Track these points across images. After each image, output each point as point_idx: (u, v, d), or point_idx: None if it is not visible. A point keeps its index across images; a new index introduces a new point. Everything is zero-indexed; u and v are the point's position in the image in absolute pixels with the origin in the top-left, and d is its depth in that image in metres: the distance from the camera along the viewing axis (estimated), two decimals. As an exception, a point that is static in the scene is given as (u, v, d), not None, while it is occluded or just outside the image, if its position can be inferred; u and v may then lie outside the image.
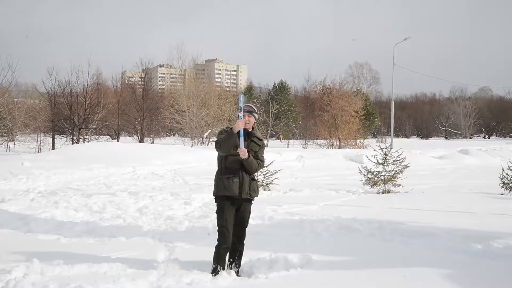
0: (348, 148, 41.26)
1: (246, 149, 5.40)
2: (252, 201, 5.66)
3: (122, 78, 69.32)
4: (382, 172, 13.30)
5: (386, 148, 13.65)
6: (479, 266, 5.90)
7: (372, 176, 13.25)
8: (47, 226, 8.44)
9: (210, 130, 42.65)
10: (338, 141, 44.55)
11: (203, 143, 42.32)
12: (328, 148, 42.03)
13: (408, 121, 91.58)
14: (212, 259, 5.49)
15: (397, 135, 77.29)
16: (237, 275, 5.50)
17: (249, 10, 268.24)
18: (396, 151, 13.82)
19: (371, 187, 13.24)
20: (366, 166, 13.61)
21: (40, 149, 34.95)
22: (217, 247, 5.46)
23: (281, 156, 24.86)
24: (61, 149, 29.18)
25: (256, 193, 5.59)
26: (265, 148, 5.85)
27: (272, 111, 50.73)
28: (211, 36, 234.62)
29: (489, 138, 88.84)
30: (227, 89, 78.76)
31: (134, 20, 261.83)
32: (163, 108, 49.23)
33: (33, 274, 5.26)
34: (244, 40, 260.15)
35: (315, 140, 46.96)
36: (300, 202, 11.26)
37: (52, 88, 38.22)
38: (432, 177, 18.29)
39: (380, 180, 13.19)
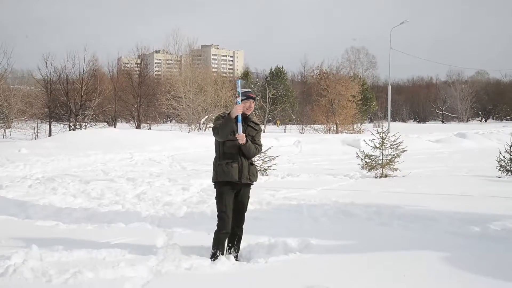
0: (345, 133, 41.27)
1: (244, 134, 5.38)
2: (251, 186, 5.67)
3: (118, 64, 69.10)
4: (379, 156, 13.32)
5: (383, 132, 13.65)
6: (477, 249, 5.93)
7: (370, 160, 13.27)
8: (46, 213, 8.45)
9: (207, 116, 42.59)
10: (335, 126, 44.55)
11: (200, 129, 42.29)
12: (325, 133, 42.04)
13: (405, 105, 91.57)
14: (211, 244, 5.50)
15: (394, 119, 77.27)
16: (236, 260, 5.51)
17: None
18: (393, 135, 13.83)
19: (369, 171, 13.27)
20: (363, 151, 13.62)
21: (37, 135, 34.91)
22: (216, 232, 5.46)
23: (278, 142, 24.91)
24: (58, 135, 29.12)
25: (255, 177, 5.60)
26: (262, 133, 5.85)
27: (269, 96, 50.67)
28: (207, 21, 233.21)
29: (485, 121, 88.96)
30: (224, 74, 78.49)
31: (130, 5, 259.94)
32: (159, 94, 49.08)
33: (32, 260, 5.26)
34: (241, 25, 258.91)
35: (312, 125, 46.95)
36: (297, 187, 11.28)
37: (48, 75, 38.12)
38: (429, 161, 18.34)
39: (378, 165, 13.21)
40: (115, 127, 44.85)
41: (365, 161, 13.32)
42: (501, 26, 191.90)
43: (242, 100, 5.42)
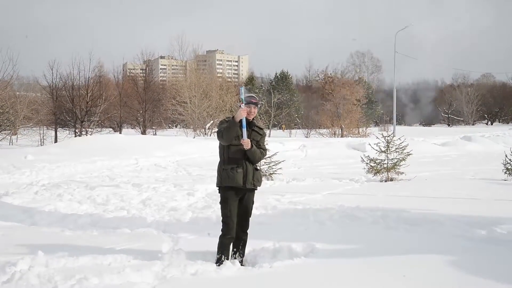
0: (351, 136, 41.22)
1: (249, 140, 5.39)
2: (255, 190, 5.67)
3: (123, 70, 69.25)
4: (384, 160, 13.28)
5: (388, 136, 13.61)
6: (483, 252, 5.91)
7: (375, 164, 13.22)
8: (51, 219, 8.47)
9: (212, 121, 42.62)
10: (340, 130, 44.49)
11: (205, 134, 42.33)
12: (330, 137, 41.98)
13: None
14: (216, 249, 5.50)
15: (399, 123, 77.12)
16: (241, 265, 5.51)
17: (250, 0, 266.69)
18: (399, 138, 13.77)
19: (374, 175, 13.22)
20: (368, 155, 13.55)
21: (43, 142, 35.01)
22: (221, 237, 5.47)
23: (283, 146, 24.85)
24: (64, 142, 29.22)
25: (259, 182, 5.60)
26: (268, 138, 5.86)
27: (274, 101, 50.70)
28: (212, 27, 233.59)
29: (491, 124, 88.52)
30: (229, 79, 78.57)
31: (135, 11, 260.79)
32: (165, 100, 49.20)
33: (38, 267, 5.28)
34: (246, 30, 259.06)
35: (317, 130, 46.92)
36: (303, 191, 11.27)
37: (54, 81, 38.23)
38: (435, 164, 18.28)
39: (383, 168, 13.17)
40: (120, 132, 44.93)
41: (370, 165, 13.28)
42: (507, 28, 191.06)
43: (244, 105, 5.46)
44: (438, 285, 4.77)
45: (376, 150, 13.46)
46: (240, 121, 5.35)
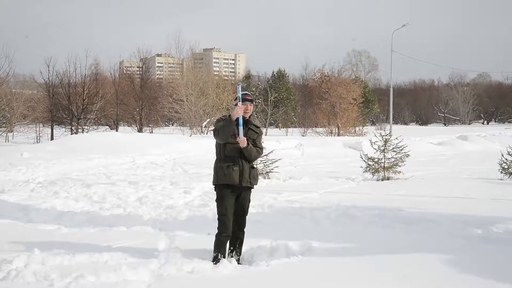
0: (347, 135, 41.21)
1: (245, 138, 5.38)
2: (252, 189, 5.66)
3: (120, 67, 69.10)
4: (381, 159, 13.27)
5: (386, 135, 13.60)
6: (479, 251, 5.92)
7: (373, 163, 13.20)
8: (48, 216, 8.45)
9: (208, 119, 42.58)
10: (337, 128, 44.47)
11: (202, 132, 42.29)
12: (327, 136, 41.98)
13: (407, 108, 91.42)
14: (212, 248, 5.49)
15: (396, 122, 77.15)
16: (238, 263, 5.51)
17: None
18: (396, 138, 13.75)
19: (373, 175, 13.19)
20: (367, 154, 13.51)
21: (39, 139, 34.94)
22: (217, 235, 5.46)
23: (280, 144, 24.86)
24: (60, 139, 29.16)
25: (256, 181, 5.59)
26: (265, 136, 5.85)
27: (270, 100, 50.65)
28: (209, 25, 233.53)
29: (488, 124, 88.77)
30: (226, 78, 78.48)
31: (133, 9, 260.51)
32: (161, 98, 49.11)
33: (34, 264, 5.27)
34: (243, 29, 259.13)
35: (314, 128, 46.89)
36: (300, 190, 11.27)
37: (50, 79, 38.14)
38: (432, 163, 18.31)
39: (380, 167, 13.17)
40: (117, 130, 44.82)
41: (368, 163, 13.25)
42: (503, 28, 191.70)
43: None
44: (435, 284, 4.77)
45: (375, 148, 13.43)
46: (237, 119, 5.34)
